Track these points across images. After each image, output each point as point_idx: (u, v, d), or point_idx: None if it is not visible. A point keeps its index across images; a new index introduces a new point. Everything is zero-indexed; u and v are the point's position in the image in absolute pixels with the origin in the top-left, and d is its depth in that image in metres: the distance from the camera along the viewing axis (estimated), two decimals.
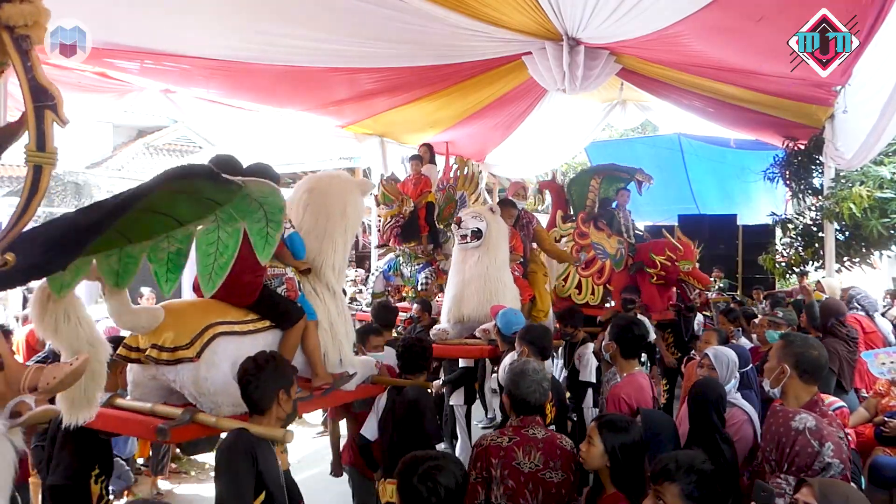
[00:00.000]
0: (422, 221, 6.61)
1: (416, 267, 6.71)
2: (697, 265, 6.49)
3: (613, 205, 7.19)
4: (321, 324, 3.42)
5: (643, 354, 4.76)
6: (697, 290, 7.27)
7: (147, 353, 2.75)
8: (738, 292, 10.42)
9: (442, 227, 6.81)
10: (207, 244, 1.97)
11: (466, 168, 7.14)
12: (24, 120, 1.52)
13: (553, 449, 2.55)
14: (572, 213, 7.34)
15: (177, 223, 1.99)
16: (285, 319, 3.17)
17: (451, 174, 7.15)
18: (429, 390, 3.50)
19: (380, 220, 6.95)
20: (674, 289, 6.77)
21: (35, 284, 2.20)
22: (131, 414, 2.79)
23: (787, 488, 2.22)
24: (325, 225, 3.52)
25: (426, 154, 7.11)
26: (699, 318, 6.52)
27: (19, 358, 5.04)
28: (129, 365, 2.91)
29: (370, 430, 3.48)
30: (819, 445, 2.21)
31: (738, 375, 3.21)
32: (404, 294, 6.82)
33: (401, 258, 6.84)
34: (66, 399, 2.23)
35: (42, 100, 1.38)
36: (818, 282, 5.96)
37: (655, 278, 6.44)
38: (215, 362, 2.76)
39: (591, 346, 4.83)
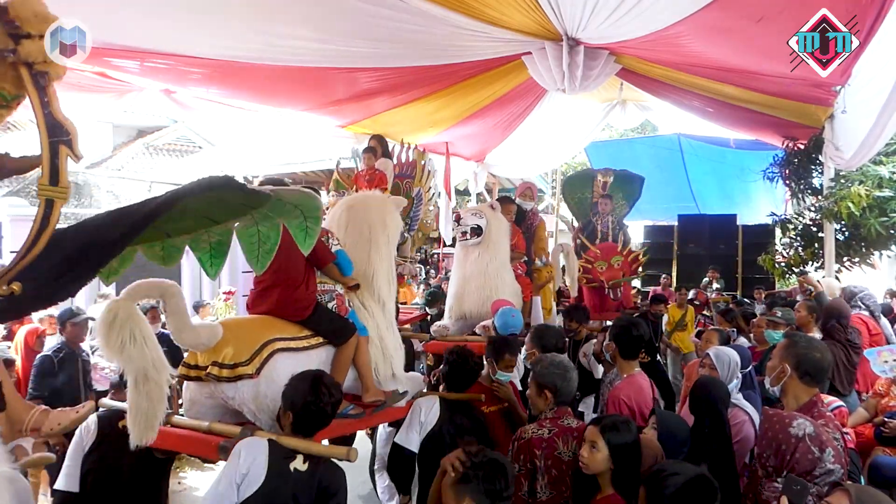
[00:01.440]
0: None
1: None
2: (611, 264, 6.80)
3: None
4: (371, 339, 3.40)
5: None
6: (694, 291, 7.38)
7: (208, 370, 2.75)
8: (738, 292, 10.43)
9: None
10: (249, 236, 2.04)
11: (424, 161, 6.55)
12: (37, 158, 1.50)
13: None
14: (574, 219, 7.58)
15: (213, 222, 2.06)
16: (339, 335, 3.17)
17: (404, 157, 6.43)
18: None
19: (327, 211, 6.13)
20: (611, 295, 6.95)
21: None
22: (191, 432, 2.80)
23: None
24: (370, 236, 3.56)
25: (379, 146, 6.35)
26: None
27: (18, 358, 5.04)
28: (186, 383, 2.91)
29: (410, 441, 3.22)
30: (819, 452, 2.21)
31: (739, 376, 3.19)
32: None
33: None
34: (134, 422, 2.31)
35: (57, 135, 1.38)
36: (818, 282, 5.94)
37: (585, 281, 6.90)
38: (274, 379, 2.74)
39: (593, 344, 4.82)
